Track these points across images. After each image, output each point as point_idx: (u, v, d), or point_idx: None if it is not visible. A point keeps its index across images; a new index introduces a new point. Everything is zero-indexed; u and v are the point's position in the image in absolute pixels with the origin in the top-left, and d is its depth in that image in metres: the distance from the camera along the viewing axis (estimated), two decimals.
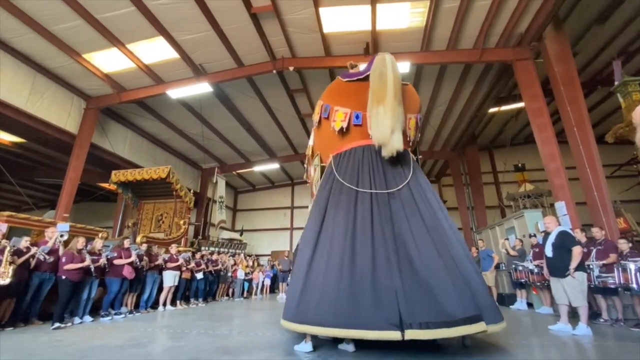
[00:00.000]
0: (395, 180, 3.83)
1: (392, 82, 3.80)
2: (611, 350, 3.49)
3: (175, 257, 7.56)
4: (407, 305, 2.84)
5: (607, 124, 12.60)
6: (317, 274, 3.37)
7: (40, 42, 7.97)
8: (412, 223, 3.46)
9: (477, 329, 2.82)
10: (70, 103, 9.91)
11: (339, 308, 2.99)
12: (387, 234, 3.37)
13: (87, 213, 16.80)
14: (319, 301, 3.13)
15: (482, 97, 11.15)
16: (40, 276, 5.09)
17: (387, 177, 3.85)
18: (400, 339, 2.67)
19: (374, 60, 4.07)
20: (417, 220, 3.50)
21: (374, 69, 3.99)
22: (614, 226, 6.39)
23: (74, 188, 9.60)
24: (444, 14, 7.63)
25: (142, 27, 7.80)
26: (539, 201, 12.88)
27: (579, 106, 7.12)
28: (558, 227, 4.59)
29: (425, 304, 2.86)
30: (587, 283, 4.37)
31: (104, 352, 3.44)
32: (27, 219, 5.84)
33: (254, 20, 7.87)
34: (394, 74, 3.84)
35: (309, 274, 3.42)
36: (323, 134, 4.66)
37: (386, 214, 3.53)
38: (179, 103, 11.12)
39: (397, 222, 3.47)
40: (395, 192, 3.71)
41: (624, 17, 8.74)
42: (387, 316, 2.81)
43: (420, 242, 3.31)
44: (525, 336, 4.13)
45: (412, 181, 3.87)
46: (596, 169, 6.64)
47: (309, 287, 3.33)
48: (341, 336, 3.03)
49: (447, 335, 2.76)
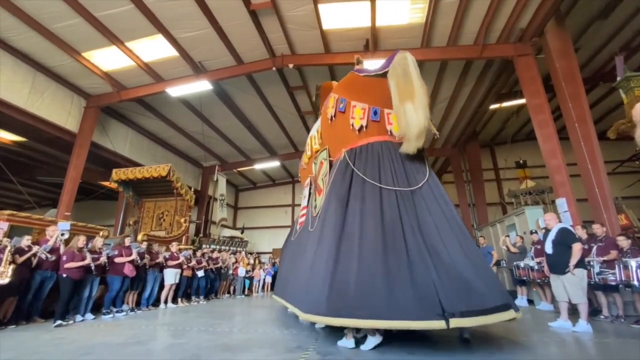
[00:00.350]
0: (415, 177, 3.90)
1: (418, 79, 3.85)
2: (611, 347, 3.49)
3: (176, 255, 7.58)
4: (445, 296, 2.95)
5: (609, 120, 12.52)
6: (348, 264, 3.31)
7: (40, 40, 7.96)
8: (436, 219, 3.56)
9: (509, 316, 3.04)
10: (71, 102, 9.92)
11: (379, 299, 3.01)
12: (415, 229, 3.45)
13: (89, 211, 16.85)
14: (356, 292, 3.08)
15: (483, 94, 11.09)
16: (42, 274, 5.11)
17: (408, 174, 3.90)
18: (445, 327, 2.80)
19: (395, 57, 4.05)
20: (439, 216, 3.61)
21: (395, 65, 3.97)
22: (615, 223, 6.37)
23: (75, 186, 9.63)
24: (444, 10, 7.58)
25: (141, 25, 7.78)
26: (540, 198, 12.83)
27: (581, 102, 7.07)
28: (558, 224, 4.57)
29: (461, 294, 3.00)
30: (587, 280, 4.36)
31: (105, 349, 3.46)
32: (28, 217, 5.86)
33: (253, 17, 7.84)
34: (417, 72, 3.90)
35: (338, 263, 3.34)
36: (337, 127, 4.59)
37: (412, 210, 3.61)
38: (179, 101, 11.11)
39: (421, 218, 3.56)
40: (417, 189, 3.78)
41: (627, 12, 8.66)
42: (431, 307, 2.91)
43: (445, 237, 3.42)
44: (526, 333, 4.13)
45: (430, 178, 3.97)
46: (597, 165, 6.61)
47: (339, 278, 3.25)
48: (383, 327, 3.04)
49: (485, 323, 2.97)
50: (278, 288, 6.16)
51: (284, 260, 6.43)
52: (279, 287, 6.00)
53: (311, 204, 5.30)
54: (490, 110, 13.01)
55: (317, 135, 5.55)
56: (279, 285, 6.18)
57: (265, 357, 3.10)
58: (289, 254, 5.91)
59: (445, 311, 2.85)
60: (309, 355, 3.10)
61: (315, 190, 5.15)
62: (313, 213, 4.90)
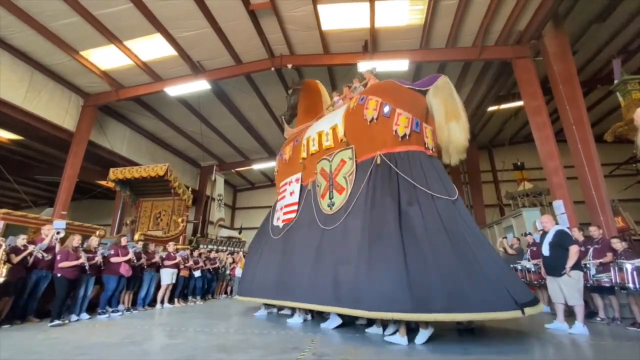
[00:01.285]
0: (450, 188, 4.29)
1: (460, 103, 4.53)
2: (608, 349, 3.49)
3: (173, 255, 7.55)
4: (513, 291, 3.41)
5: (606, 122, 12.58)
6: (424, 263, 3.49)
7: (38, 39, 7.94)
8: (470, 226, 4.01)
9: (540, 309, 3.65)
10: (68, 100, 9.88)
11: (468, 294, 3.26)
12: (468, 233, 3.84)
13: (86, 211, 16.78)
14: (443, 289, 3.27)
15: (481, 96, 11.13)
16: (38, 274, 5.08)
17: (445, 184, 4.26)
18: (522, 315, 3.28)
19: (439, 80, 4.72)
20: (470, 224, 4.09)
21: (440, 87, 4.64)
22: (612, 225, 6.40)
23: (72, 185, 9.59)
24: (443, 11, 7.60)
25: (139, 24, 7.76)
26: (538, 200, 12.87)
27: (578, 105, 7.11)
28: (555, 226, 4.58)
29: (517, 289, 3.54)
30: (583, 282, 4.37)
31: (100, 349, 3.43)
32: (24, 216, 5.82)
33: (252, 18, 7.84)
34: (458, 97, 4.61)
35: (412, 261, 3.52)
36: (375, 130, 4.73)
37: (459, 217, 4.00)
38: (177, 101, 11.09)
39: (468, 224, 4.04)
40: (456, 199, 4.17)
41: (624, 15, 8.69)
42: (507, 300, 3.32)
43: (477, 241, 3.87)
44: (522, 334, 4.13)
45: None
46: (595, 167, 6.64)
47: (419, 276, 3.42)
48: (479, 319, 3.52)
49: (535, 312, 3.53)
50: (264, 288, 5.37)
51: (269, 259, 5.67)
52: (268, 287, 5.29)
53: (316, 201, 5.22)
54: (489, 112, 13.05)
55: (330, 133, 5.42)
56: (266, 285, 5.36)
57: (260, 358, 3.09)
58: (278, 252, 5.49)
59: (517, 302, 3.29)
60: (305, 356, 3.09)
61: (326, 188, 5.11)
62: (326, 210, 4.92)
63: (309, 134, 5.97)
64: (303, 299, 4.51)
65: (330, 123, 5.51)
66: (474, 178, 14.91)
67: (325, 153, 5.42)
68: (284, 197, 6.12)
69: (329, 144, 5.38)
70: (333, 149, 5.29)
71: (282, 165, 6.60)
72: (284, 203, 6.03)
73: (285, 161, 6.47)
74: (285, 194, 6.14)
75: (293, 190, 5.94)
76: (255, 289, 5.67)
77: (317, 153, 5.60)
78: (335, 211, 4.76)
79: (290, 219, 5.66)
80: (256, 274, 5.77)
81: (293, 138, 6.63)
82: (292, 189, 5.98)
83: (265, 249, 5.96)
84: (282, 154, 6.68)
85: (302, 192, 5.78)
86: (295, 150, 6.22)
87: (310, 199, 5.46)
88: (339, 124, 5.29)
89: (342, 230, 4.42)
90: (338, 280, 4.04)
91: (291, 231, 5.50)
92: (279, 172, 6.74)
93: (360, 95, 5.17)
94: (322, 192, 5.18)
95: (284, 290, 4.92)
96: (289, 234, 5.49)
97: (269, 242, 5.93)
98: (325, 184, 5.17)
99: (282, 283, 5.03)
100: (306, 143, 5.83)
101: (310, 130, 6.03)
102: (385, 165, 4.44)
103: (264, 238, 6.22)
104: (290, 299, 4.77)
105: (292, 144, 6.40)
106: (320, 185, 5.30)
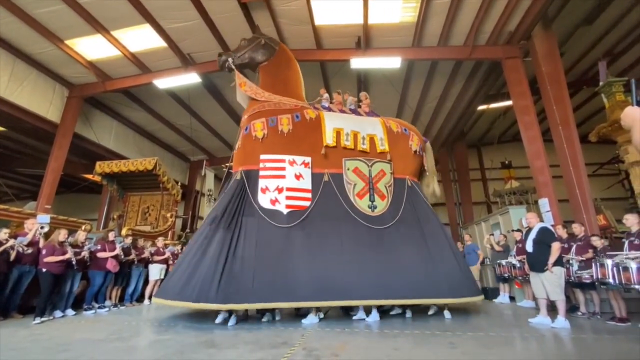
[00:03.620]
0: None
1: None
2: (588, 343, 3.62)
3: (162, 250, 7.46)
4: (473, 282, 5.73)
5: (590, 123, 12.91)
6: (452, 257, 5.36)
7: (20, 26, 7.64)
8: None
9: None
10: (52, 91, 9.58)
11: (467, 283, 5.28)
12: None
13: (71, 205, 16.37)
14: (467, 279, 5.36)
15: (471, 94, 11.25)
16: (20, 269, 4.94)
17: None
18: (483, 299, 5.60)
19: (427, 143, 6.62)
20: None
21: (429, 148, 6.62)
22: (594, 223, 6.60)
23: (56, 179, 9.34)
24: (436, 9, 7.63)
25: (128, 14, 7.55)
26: (524, 198, 13.17)
27: (565, 105, 7.26)
28: (539, 223, 4.70)
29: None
30: (565, 278, 4.51)
31: (85, 345, 3.38)
32: (6, 209, 5.65)
33: (244, 10, 7.71)
34: None
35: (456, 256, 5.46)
36: (414, 160, 6.35)
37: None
38: (166, 93, 10.86)
39: None
40: None
41: (611, 19, 8.91)
42: (477, 287, 5.67)
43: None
44: (506, 328, 4.25)
45: None
46: (579, 167, 6.82)
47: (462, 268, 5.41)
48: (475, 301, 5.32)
49: None
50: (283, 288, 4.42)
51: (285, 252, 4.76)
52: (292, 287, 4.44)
53: (346, 197, 5.47)
54: (478, 111, 13.24)
55: (367, 138, 5.97)
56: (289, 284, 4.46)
57: (250, 353, 3.09)
58: (295, 245, 4.83)
59: (480, 289, 5.39)
60: (295, 351, 3.11)
61: (366, 190, 5.65)
62: (366, 211, 5.46)
63: (337, 125, 5.91)
64: (366, 295, 4.57)
65: (367, 130, 6.06)
66: (462, 176, 15.13)
67: (358, 154, 5.83)
68: (283, 176, 5.41)
69: (365, 148, 5.88)
70: (369, 154, 5.88)
71: (276, 136, 5.65)
72: (285, 185, 5.35)
73: (281, 133, 5.66)
74: (283, 173, 5.44)
75: (300, 173, 5.48)
76: (260, 290, 4.39)
77: (346, 149, 5.77)
78: (378, 214, 5.46)
79: (301, 207, 5.22)
80: (256, 270, 4.52)
81: (280, 108, 5.96)
82: (298, 171, 5.48)
83: (262, 240, 4.83)
84: (274, 120, 5.72)
85: (316, 180, 5.49)
86: (303, 128, 5.77)
87: (331, 191, 5.45)
88: (380, 137, 6.02)
89: (397, 232, 5.29)
90: (411, 275, 4.85)
91: (313, 222, 5.09)
92: (268, 141, 5.61)
93: (402, 126, 6.40)
94: (358, 191, 5.60)
95: (323, 288, 4.46)
96: (310, 225, 5.05)
97: (266, 231, 4.93)
98: (363, 185, 5.66)
99: (318, 280, 4.50)
100: (336, 135, 5.80)
101: (332, 121, 5.98)
102: (414, 188, 5.98)
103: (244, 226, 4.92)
104: (341, 298, 4.46)
105: (291, 117, 5.79)
106: (353, 183, 5.63)
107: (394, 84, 10.45)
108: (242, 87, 6.42)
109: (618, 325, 4.37)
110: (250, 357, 2.96)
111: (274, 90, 6.30)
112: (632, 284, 3.90)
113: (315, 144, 5.72)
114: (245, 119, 6.11)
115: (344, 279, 4.60)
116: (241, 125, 6.20)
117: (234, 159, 5.88)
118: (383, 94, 11.00)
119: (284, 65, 6.76)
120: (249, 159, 5.59)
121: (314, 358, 2.90)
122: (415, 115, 12.51)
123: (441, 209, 17.14)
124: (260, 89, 6.37)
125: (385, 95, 11.16)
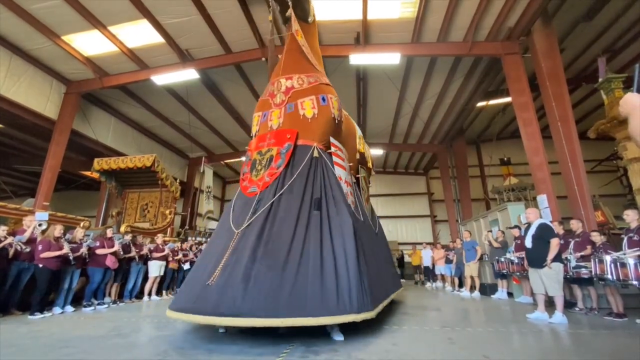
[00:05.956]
0: None
1: None
2: (585, 338, 3.64)
3: (161, 247, 7.46)
4: None
5: (589, 120, 12.93)
6: None
7: (16, 22, 7.57)
8: None
9: None
10: (50, 87, 9.52)
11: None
12: None
13: (70, 202, 16.34)
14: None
15: (470, 91, 11.23)
16: (19, 266, 4.94)
17: None
18: None
19: None
20: None
21: None
22: (592, 219, 6.62)
23: (55, 175, 9.31)
24: (435, 5, 7.59)
25: (125, 9, 7.48)
26: (523, 194, 13.20)
27: (564, 102, 7.25)
28: (538, 219, 4.71)
29: None
30: (563, 274, 4.53)
31: (84, 342, 3.37)
32: (4, 207, 5.64)
33: (243, 5, 7.66)
34: None
35: None
36: None
37: None
38: (164, 90, 10.81)
39: None
40: None
41: (611, 15, 8.88)
42: None
43: None
44: (504, 324, 4.26)
45: None
46: (578, 164, 6.82)
47: None
48: None
49: None
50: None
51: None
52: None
53: (361, 202, 5.06)
54: (477, 108, 13.20)
55: (359, 142, 5.92)
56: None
57: (250, 348, 3.10)
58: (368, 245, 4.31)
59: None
60: (294, 347, 3.11)
61: (359, 192, 5.33)
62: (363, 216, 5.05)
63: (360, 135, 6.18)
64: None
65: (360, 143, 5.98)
66: (461, 172, 15.14)
67: (357, 164, 5.79)
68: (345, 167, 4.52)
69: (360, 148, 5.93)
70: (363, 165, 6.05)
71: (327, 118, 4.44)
72: (345, 176, 4.41)
73: (333, 118, 4.50)
74: (342, 162, 4.53)
75: (347, 167, 4.69)
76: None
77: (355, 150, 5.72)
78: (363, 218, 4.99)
79: (350, 194, 4.46)
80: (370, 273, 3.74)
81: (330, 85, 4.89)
82: (346, 165, 4.67)
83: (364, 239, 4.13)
84: (325, 99, 4.47)
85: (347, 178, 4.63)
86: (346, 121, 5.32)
87: (356, 194, 4.93)
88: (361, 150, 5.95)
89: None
90: None
91: (362, 225, 4.54)
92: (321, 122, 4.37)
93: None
94: (365, 197, 5.66)
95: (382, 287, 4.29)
96: (362, 228, 4.33)
97: (364, 228, 4.53)
98: (364, 192, 5.74)
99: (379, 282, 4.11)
100: (359, 140, 5.98)
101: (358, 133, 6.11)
102: None
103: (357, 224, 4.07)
104: None
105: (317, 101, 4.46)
106: (363, 189, 5.68)
107: (393, 81, 10.42)
108: (299, 37, 4.81)
109: (615, 320, 4.40)
110: (250, 352, 2.97)
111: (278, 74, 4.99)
112: (630, 280, 3.92)
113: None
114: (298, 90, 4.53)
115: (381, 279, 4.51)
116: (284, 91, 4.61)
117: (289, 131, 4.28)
118: (382, 90, 10.97)
119: (315, 36, 5.50)
120: (306, 135, 4.28)
121: (313, 353, 2.91)
122: (414, 112, 12.49)
123: (440, 205, 17.21)
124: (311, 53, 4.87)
125: (384, 92, 11.13)
